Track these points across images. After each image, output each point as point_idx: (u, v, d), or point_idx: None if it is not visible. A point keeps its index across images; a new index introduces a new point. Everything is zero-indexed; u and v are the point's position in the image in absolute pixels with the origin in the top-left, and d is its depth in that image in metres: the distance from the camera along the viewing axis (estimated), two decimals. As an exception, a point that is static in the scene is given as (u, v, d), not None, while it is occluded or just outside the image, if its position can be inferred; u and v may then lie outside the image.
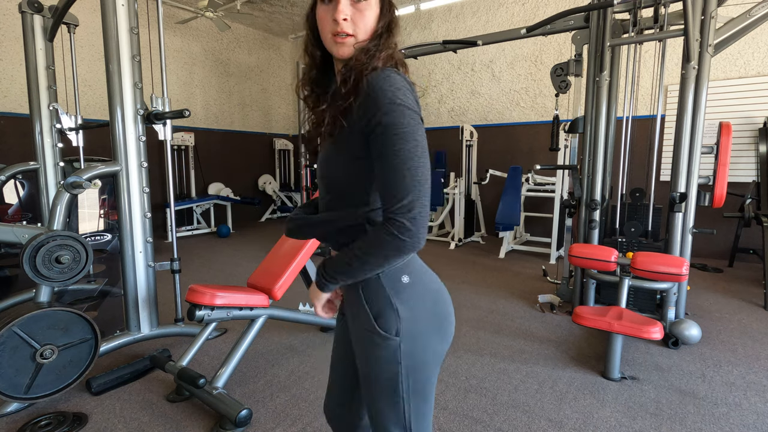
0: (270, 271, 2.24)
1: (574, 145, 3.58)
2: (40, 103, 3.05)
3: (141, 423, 1.86)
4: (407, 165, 0.74)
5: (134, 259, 2.41)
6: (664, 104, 4.93)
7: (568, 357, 2.46)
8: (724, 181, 2.63)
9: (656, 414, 1.90)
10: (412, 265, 0.87)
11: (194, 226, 6.49)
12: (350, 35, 0.81)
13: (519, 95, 5.94)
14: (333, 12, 0.80)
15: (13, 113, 4.88)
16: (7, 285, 3.20)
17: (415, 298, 0.86)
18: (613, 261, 2.55)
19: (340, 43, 0.81)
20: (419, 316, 0.86)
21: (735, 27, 2.61)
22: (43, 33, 3.01)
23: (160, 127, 2.41)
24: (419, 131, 0.76)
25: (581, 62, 3.19)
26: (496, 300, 3.44)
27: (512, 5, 5.86)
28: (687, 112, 2.54)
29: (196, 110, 6.74)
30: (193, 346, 2.10)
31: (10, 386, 1.76)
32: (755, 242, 4.41)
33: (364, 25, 0.81)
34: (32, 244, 1.89)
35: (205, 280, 3.99)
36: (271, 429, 1.81)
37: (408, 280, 0.86)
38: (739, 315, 3.10)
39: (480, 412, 1.92)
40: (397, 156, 0.74)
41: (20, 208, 3.70)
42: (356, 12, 0.81)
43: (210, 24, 6.73)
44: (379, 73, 0.78)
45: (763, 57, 4.45)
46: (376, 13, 0.83)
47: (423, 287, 0.87)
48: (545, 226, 5.57)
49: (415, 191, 0.74)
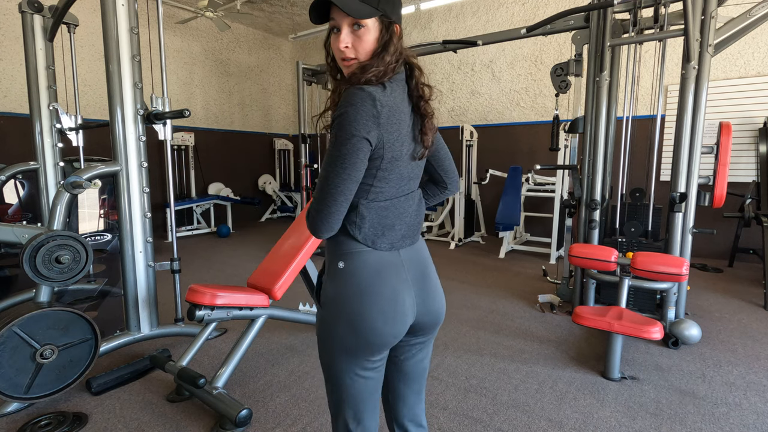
0: (270, 271, 2.24)
1: (574, 145, 3.58)
2: (40, 103, 3.05)
3: (141, 423, 1.86)
4: (325, 169, 0.90)
5: (134, 259, 2.41)
6: (664, 104, 4.93)
7: (568, 357, 2.46)
8: (724, 181, 2.63)
9: (656, 414, 1.90)
10: (352, 256, 0.96)
11: (194, 226, 6.49)
12: (353, 59, 0.94)
13: (519, 95, 5.94)
14: (338, 41, 0.93)
15: (13, 113, 4.88)
16: (7, 285, 3.20)
17: (341, 284, 0.96)
18: (613, 261, 2.55)
19: (347, 67, 0.95)
20: (337, 299, 0.96)
21: (735, 27, 2.61)
22: (43, 33, 3.01)
23: (160, 127, 2.41)
24: (347, 144, 0.86)
25: (581, 62, 3.19)
26: (496, 300, 3.44)
27: (512, 5, 5.86)
28: (687, 112, 2.54)
29: (196, 110, 6.74)
30: (193, 346, 2.10)
31: (10, 386, 1.76)
32: (755, 242, 4.41)
33: (363, 48, 0.93)
34: (32, 244, 1.89)
35: (205, 280, 3.99)
36: (271, 429, 1.81)
37: (342, 266, 0.96)
38: (739, 315, 3.10)
39: (480, 412, 1.92)
40: (325, 160, 0.91)
41: (20, 208, 3.70)
42: (356, 39, 0.92)
43: (210, 24, 6.73)
44: (349, 89, 0.89)
45: (763, 57, 4.45)
46: (376, 36, 0.93)
47: (352, 277, 0.95)
48: (545, 226, 5.57)
49: (319, 191, 0.90)
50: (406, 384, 1.10)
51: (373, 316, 0.94)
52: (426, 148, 0.99)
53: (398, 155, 0.94)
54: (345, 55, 0.93)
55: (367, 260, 0.95)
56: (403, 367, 1.09)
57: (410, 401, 1.12)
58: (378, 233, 0.96)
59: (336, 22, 0.92)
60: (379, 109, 0.88)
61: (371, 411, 1.04)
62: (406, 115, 0.95)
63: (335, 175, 0.88)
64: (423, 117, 0.98)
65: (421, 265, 1.03)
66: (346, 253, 0.96)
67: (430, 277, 1.05)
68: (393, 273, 0.97)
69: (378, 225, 0.95)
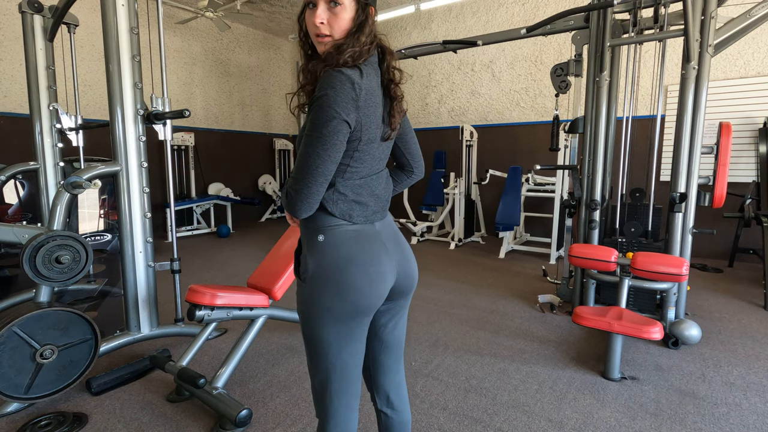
0: (270, 271, 2.24)
1: (574, 145, 3.58)
2: (40, 103, 3.04)
3: (141, 423, 1.86)
4: (305, 150, 0.92)
5: (134, 259, 2.41)
6: (664, 104, 4.93)
7: (568, 357, 2.46)
8: (724, 181, 2.63)
9: (656, 414, 1.90)
10: (331, 229, 1.00)
11: (194, 226, 6.49)
12: (328, 36, 0.95)
13: (519, 95, 5.94)
14: (313, 16, 0.95)
15: (13, 113, 4.88)
16: (7, 285, 3.20)
17: (323, 255, 0.99)
18: (613, 261, 2.55)
19: (321, 43, 0.97)
20: (320, 271, 0.99)
21: (735, 27, 2.61)
22: (43, 33, 3.01)
23: (160, 127, 2.41)
24: (328, 126, 0.89)
25: (581, 62, 3.19)
26: (496, 300, 3.44)
27: (512, 5, 5.86)
28: (687, 112, 2.54)
29: (196, 110, 6.74)
30: (193, 346, 2.10)
31: (10, 386, 1.76)
32: (755, 242, 4.41)
33: (338, 26, 0.95)
34: (32, 244, 1.89)
35: (205, 280, 3.99)
36: (271, 429, 1.81)
37: (322, 239, 0.99)
38: (739, 315, 3.10)
39: (480, 412, 1.92)
40: (304, 141, 0.92)
41: (20, 208, 3.70)
42: (332, 15, 0.94)
43: (210, 24, 6.73)
44: (328, 71, 0.91)
45: (763, 57, 4.45)
46: (351, 15, 0.95)
47: (334, 248, 0.99)
48: (545, 226, 5.57)
49: (302, 173, 0.92)
50: (387, 354, 1.16)
51: (359, 279, 0.99)
52: (393, 129, 1.04)
53: (373, 137, 0.99)
54: (320, 30, 0.95)
55: (346, 231, 1.00)
56: (383, 336, 1.15)
57: (392, 370, 1.18)
58: (353, 209, 1.01)
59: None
60: (358, 92, 0.91)
61: (354, 388, 1.08)
62: (379, 98, 0.99)
63: (316, 156, 0.91)
64: (392, 99, 1.02)
65: (394, 234, 1.10)
66: (324, 227, 1.00)
67: (404, 244, 1.12)
68: (371, 239, 1.03)
69: (353, 202, 1.01)
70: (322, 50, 0.96)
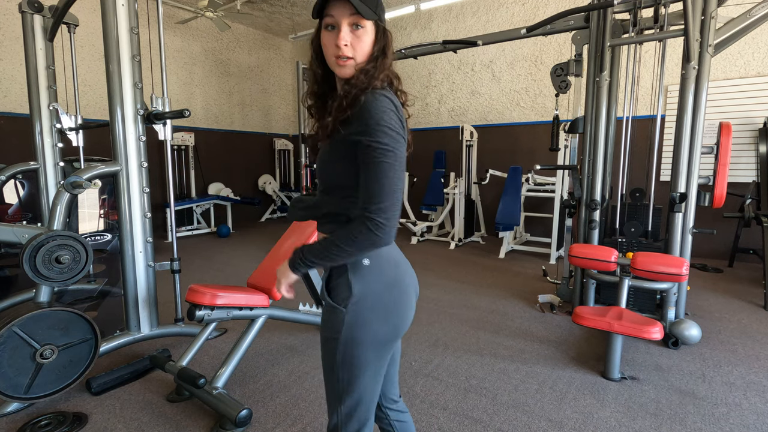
0: (270, 271, 2.24)
1: (574, 145, 3.58)
2: (40, 103, 3.05)
3: (141, 423, 1.86)
4: (387, 176, 0.90)
5: (134, 259, 2.41)
6: (664, 104, 4.93)
7: (568, 357, 2.46)
8: (724, 181, 2.63)
9: (656, 414, 1.90)
10: (377, 252, 0.98)
11: (194, 226, 6.49)
12: (350, 58, 0.94)
13: (519, 95, 5.94)
14: (335, 38, 0.93)
15: (13, 113, 4.88)
16: (7, 285, 3.20)
17: (370, 280, 0.98)
18: (613, 261, 2.55)
19: (342, 65, 0.95)
20: (368, 296, 0.97)
21: (735, 27, 2.61)
22: (43, 33, 3.01)
23: (160, 127, 2.41)
24: (399, 149, 0.91)
25: (581, 62, 3.19)
26: (496, 300, 3.44)
27: (512, 5, 5.86)
28: (687, 112, 2.54)
29: (196, 110, 6.74)
30: (193, 346, 2.10)
31: (10, 386, 1.76)
32: (755, 242, 4.41)
33: (361, 49, 0.95)
34: (32, 244, 1.89)
35: (205, 280, 3.99)
36: (271, 429, 1.81)
37: (368, 262, 0.98)
38: (739, 315, 3.10)
39: (480, 412, 1.92)
40: (378, 168, 0.89)
41: (20, 208, 3.70)
42: (355, 38, 0.94)
43: (210, 24, 6.73)
44: (374, 95, 0.91)
45: (763, 57, 4.45)
46: (372, 39, 0.96)
47: (380, 272, 0.99)
48: (545, 226, 5.57)
49: (391, 198, 0.90)
50: (392, 364, 1.19)
51: (403, 302, 1.02)
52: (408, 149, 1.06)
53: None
54: (342, 52, 0.93)
55: (388, 254, 1.02)
56: (394, 350, 1.17)
57: (394, 379, 1.21)
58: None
59: (334, 19, 0.93)
60: (401, 114, 0.95)
61: (374, 408, 1.09)
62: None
63: (397, 179, 0.91)
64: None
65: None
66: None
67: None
68: (402, 261, 1.06)
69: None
70: (343, 73, 0.95)
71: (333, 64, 0.96)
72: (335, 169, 0.98)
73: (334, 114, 0.94)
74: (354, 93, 0.92)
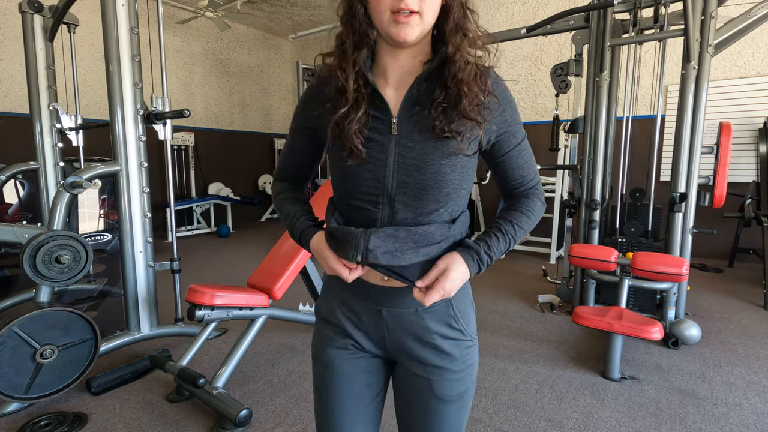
0: (270, 271, 2.24)
1: (574, 145, 3.58)
2: (40, 103, 3.05)
3: (141, 423, 1.86)
4: (531, 155, 0.84)
5: (134, 259, 2.41)
6: (664, 104, 4.93)
7: (568, 357, 2.46)
8: (724, 181, 2.63)
9: (656, 414, 1.90)
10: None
11: (194, 226, 6.49)
12: (416, 12, 0.67)
13: (519, 95, 5.94)
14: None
15: (13, 113, 4.88)
16: (7, 285, 3.20)
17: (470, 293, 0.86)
18: (613, 261, 2.55)
19: (401, 24, 0.68)
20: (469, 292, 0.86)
21: (735, 27, 2.61)
22: (43, 33, 3.01)
23: (160, 127, 2.41)
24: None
25: (581, 62, 3.19)
26: (496, 300, 3.44)
27: (512, 5, 5.86)
28: (687, 112, 2.54)
29: (196, 110, 6.74)
30: (193, 346, 2.10)
31: (10, 386, 1.76)
32: (755, 242, 4.41)
33: (432, 2, 0.69)
34: (32, 244, 1.89)
35: (205, 280, 3.99)
36: (271, 429, 1.81)
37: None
38: (739, 315, 3.10)
39: (480, 412, 1.92)
40: (528, 150, 0.84)
41: (20, 208, 3.70)
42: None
43: (210, 24, 6.72)
44: (499, 79, 0.78)
45: (763, 57, 4.45)
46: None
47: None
48: (545, 226, 5.56)
49: (538, 174, 0.86)
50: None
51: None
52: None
53: None
54: (405, 5, 0.66)
55: None
56: None
57: None
58: None
59: None
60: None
61: None
62: None
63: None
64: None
65: None
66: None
67: None
68: None
69: None
70: (403, 36, 0.68)
71: (387, 24, 0.69)
72: (458, 171, 0.80)
73: (456, 102, 0.75)
74: (477, 72, 0.76)
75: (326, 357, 0.86)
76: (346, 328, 0.84)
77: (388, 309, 0.79)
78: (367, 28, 0.72)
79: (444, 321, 0.79)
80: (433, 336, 0.78)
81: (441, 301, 0.78)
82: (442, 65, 0.73)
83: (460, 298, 0.81)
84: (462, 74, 0.71)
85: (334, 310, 0.86)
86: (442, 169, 0.74)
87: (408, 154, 0.74)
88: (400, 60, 0.76)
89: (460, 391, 0.80)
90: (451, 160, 0.74)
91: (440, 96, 0.72)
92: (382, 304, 0.80)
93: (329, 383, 0.85)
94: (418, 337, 0.79)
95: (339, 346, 0.85)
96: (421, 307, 0.78)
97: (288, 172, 0.96)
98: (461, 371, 0.80)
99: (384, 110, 0.74)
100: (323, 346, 0.87)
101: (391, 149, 0.74)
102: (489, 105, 0.75)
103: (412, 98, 0.74)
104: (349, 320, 0.84)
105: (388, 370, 0.88)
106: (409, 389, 0.82)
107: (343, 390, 0.84)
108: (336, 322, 0.85)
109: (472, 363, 0.81)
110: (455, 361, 0.79)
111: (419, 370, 0.80)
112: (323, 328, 0.89)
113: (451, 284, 0.73)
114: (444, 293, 0.73)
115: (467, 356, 0.80)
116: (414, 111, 0.74)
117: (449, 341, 0.79)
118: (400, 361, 0.83)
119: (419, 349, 0.79)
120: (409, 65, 0.76)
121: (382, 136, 0.74)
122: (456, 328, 0.79)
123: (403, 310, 0.79)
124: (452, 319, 0.79)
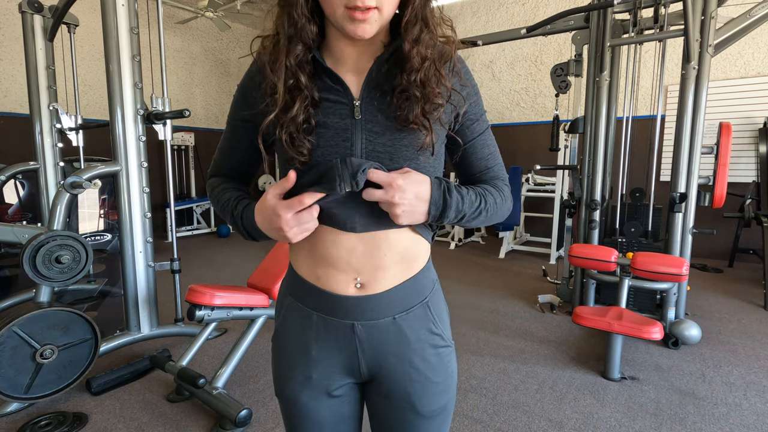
0: (270, 271, 2.24)
1: (574, 145, 3.59)
2: (40, 103, 3.05)
3: (141, 423, 1.86)
4: (494, 143, 0.80)
5: (134, 259, 2.41)
6: (664, 104, 4.93)
7: (568, 357, 2.46)
8: (724, 182, 2.63)
9: (656, 414, 1.90)
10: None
11: (194, 226, 6.49)
12: (374, 7, 0.61)
13: (519, 95, 5.94)
14: None
15: (13, 113, 4.88)
16: (7, 285, 3.20)
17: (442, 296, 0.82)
18: (613, 261, 2.55)
19: (358, 21, 0.61)
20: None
21: (735, 27, 2.61)
22: (43, 33, 3.02)
23: (160, 127, 2.41)
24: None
25: (581, 62, 3.19)
26: (496, 300, 3.44)
27: (512, 5, 5.86)
28: (687, 112, 2.54)
29: (196, 110, 6.74)
30: (193, 346, 2.10)
31: (10, 386, 1.76)
32: (755, 242, 4.41)
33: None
34: (32, 244, 1.89)
35: (205, 280, 3.99)
36: (271, 429, 1.81)
37: (436, 277, 0.80)
38: (739, 315, 3.10)
39: (480, 412, 1.92)
40: (490, 136, 0.79)
41: (20, 208, 3.70)
42: None
43: (210, 24, 6.72)
44: (459, 56, 0.74)
45: (763, 57, 4.45)
46: None
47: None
48: (545, 226, 5.56)
49: (503, 168, 0.82)
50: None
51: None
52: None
53: None
54: (363, 2, 0.60)
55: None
56: None
57: None
58: None
59: None
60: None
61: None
62: None
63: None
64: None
65: None
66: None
67: None
68: None
69: None
70: (358, 33, 0.62)
71: (342, 17, 0.62)
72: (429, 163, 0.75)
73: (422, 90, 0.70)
74: (444, 54, 0.74)
75: (290, 393, 0.77)
76: (311, 358, 0.74)
77: (362, 323, 0.71)
78: (306, 22, 0.65)
79: (424, 326, 0.74)
80: (413, 345, 0.73)
81: (418, 306, 0.74)
82: (398, 51, 0.68)
83: (435, 301, 0.77)
84: (419, 75, 0.66)
85: (296, 336, 0.76)
86: (417, 159, 0.69)
87: (377, 140, 0.68)
88: (357, 44, 0.69)
89: (442, 404, 0.77)
90: (423, 152, 0.70)
91: (401, 83, 0.67)
92: (354, 317, 0.72)
93: (296, 423, 0.79)
94: (396, 350, 0.73)
95: (303, 380, 0.76)
96: (398, 314, 0.72)
97: (224, 170, 0.87)
98: (443, 381, 0.76)
99: (343, 93, 0.68)
100: (286, 379, 0.78)
101: (357, 136, 0.67)
102: (454, 89, 0.72)
103: (372, 81, 0.69)
104: (314, 347, 0.74)
105: (362, 392, 0.81)
106: (386, 411, 0.77)
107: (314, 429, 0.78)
108: (299, 351, 0.75)
109: (452, 371, 0.78)
110: (436, 370, 0.75)
111: (398, 388, 0.74)
112: (283, 359, 0.79)
113: (404, 183, 0.64)
114: (393, 187, 0.63)
115: (447, 364, 0.77)
116: (375, 96, 0.68)
117: (430, 348, 0.74)
118: (377, 380, 0.75)
119: (398, 364, 0.73)
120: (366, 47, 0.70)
121: (344, 121, 0.68)
122: (436, 333, 0.75)
123: (379, 320, 0.72)
124: (431, 323, 0.75)
